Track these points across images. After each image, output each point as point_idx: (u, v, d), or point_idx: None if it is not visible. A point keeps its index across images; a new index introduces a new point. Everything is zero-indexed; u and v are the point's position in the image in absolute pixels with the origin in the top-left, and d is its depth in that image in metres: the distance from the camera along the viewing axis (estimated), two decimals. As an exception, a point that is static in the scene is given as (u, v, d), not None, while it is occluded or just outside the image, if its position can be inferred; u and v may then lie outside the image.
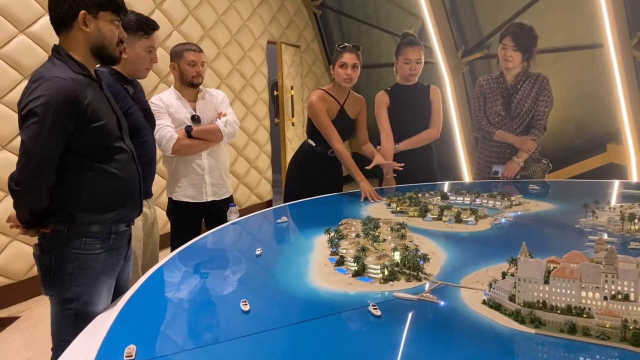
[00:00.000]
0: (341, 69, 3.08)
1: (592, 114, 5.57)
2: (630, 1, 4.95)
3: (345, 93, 3.23)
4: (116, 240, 1.96)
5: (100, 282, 1.91)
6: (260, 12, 6.53)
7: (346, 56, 3.07)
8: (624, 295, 1.26)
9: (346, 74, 3.08)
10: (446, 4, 6.28)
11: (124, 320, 1.45)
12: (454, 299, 1.51)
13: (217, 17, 5.83)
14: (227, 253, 2.15)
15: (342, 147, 3.12)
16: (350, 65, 3.07)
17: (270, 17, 6.75)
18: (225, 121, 3.10)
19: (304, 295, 1.58)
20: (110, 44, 1.86)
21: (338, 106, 3.22)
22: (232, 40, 6.05)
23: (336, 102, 3.21)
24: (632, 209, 2.25)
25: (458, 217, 2.36)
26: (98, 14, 1.81)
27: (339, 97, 3.22)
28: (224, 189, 3.21)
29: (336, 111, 3.21)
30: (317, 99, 3.14)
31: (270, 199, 6.82)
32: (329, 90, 3.22)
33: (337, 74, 3.11)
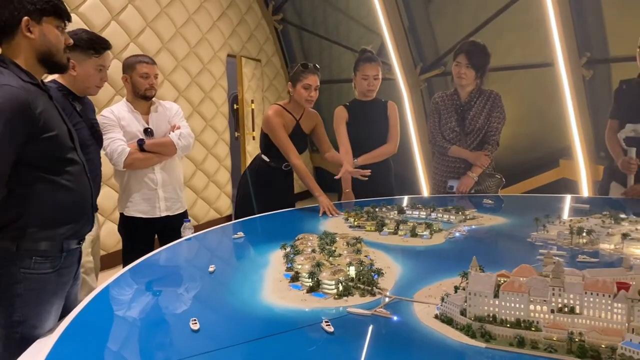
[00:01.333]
0: (304, 90, 3.08)
1: (544, 130, 5.75)
2: (579, 23, 5.16)
3: (301, 109, 3.24)
4: (67, 258, 1.87)
5: (49, 304, 1.82)
6: (220, 25, 6.50)
7: (310, 78, 3.07)
8: (570, 308, 1.28)
9: (310, 96, 3.09)
10: (405, 22, 6.40)
11: (67, 341, 1.38)
12: (407, 313, 1.51)
13: (176, 30, 5.77)
14: (179, 270, 2.10)
15: (300, 162, 3.11)
16: (314, 87, 3.09)
17: (230, 30, 6.72)
18: (179, 134, 3.05)
19: (256, 312, 1.55)
20: (57, 51, 1.81)
21: (294, 122, 3.21)
22: (191, 53, 5.99)
23: (292, 117, 3.21)
24: (581, 223, 2.32)
25: (413, 231, 2.37)
26: (41, 19, 1.75)
27: (295, 112, 3.22)
28: (178, 203, 3.14)
29: (292, 126, 3.21)
30: (274, 114, 3.13)
31: (229, 214, 6.74)
32: (285, 106, 3.21)
33: (299, 94, 3.10)
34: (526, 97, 5.74)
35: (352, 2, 7.17)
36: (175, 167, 3.15)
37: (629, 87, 3.33)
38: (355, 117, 3.55)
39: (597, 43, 5.18)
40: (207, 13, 6.29)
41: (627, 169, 3.16)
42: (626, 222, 2.35)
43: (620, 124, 3.26)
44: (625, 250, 2.02)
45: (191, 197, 6.07)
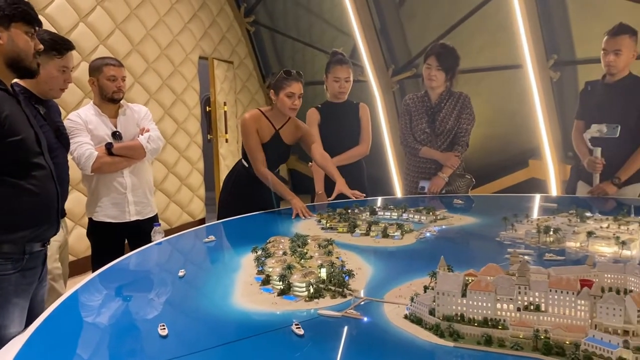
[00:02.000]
0: (288, 99, 2.97)
1: (514, 130, 5.85)
2: (546, 25, 5.27)
3: (284, 119, 3.11)
4: (30, 260, 1.87)
5: (12, 304, 1.82)
6: (191, 27, 6.45)
7: (294, 86, 2.96)
8: (535, 306, 1.31)
9: (294, 104, 2.99)
10: (376, 24, 6.45)
11: (32, 348, 1.35)
12: (378, 314, 1.51)
13: (146, 32, 5.70)
14: (149, 275, 2.07)
15: (264, 169, 3.02)
16: (298, 95, 2.99)
17: (201, 32, 6.67)
18: (148, 137, 3.01)
19: (226, 316, 1.53)
20: (26, 56, 1.82)
21: (273, 130, 3.10)
22: (161, 55, 5.93)
23: (271, 125, 3.10)
24: (548, 222, 2.36)
25: (385, 232, 2.38)
26: (10, 25, 1.77)
27: (276, 121, 3.11)
28: (148, 207, 3.10)
29: (270, 135, 3.10)
30: (250, 118, 3.05)
31: (203, 217, 6.68)
32: (266, 113, 3.10)
33: (282, 102, 2.98)
34: (496, 98, 5.84)
35: (324, 5, 7.18)
36: (145, 171, 3.11)
37: (593, 89, 3.41)
38: (327, 119, 3.55)
39: (563, 45, 5.29)
40: (178, 15, 6.23)
41: (593, 168, 3.24)
42: (591, 221, 2.40)
43: (586, 125, 3.34)
44: (590, 248, 2.07)
45: (163, 201, 5.99)
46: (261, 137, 3.06)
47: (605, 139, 3.19)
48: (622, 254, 1.97)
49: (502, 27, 5.40)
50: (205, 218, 6.70)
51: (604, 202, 3.16)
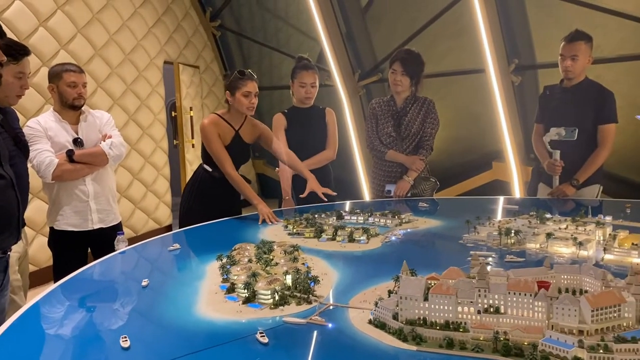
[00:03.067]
0: (245, 98, 2.99)
1: (478, 134, 5.97)
2: (507, 31, 5.40)
3: (241, 119, 3.15)
4: None
5: None
6: (155, 31, 6.37)
7: (249, 85, 2.99)
8: (495, 308, 1.33)
9: (251, 103, 3.01)
10: (342, 30, 6.49)
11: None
12: (342, 320, 1.52)
13: (109, 36, 5.60)
14: (112, 285, 2.03)
15: (234, 172, 3.04)
16: (254, 94, 3.01)
17: (166, 37, 6.59)
18: (111, 143, 2.96)
19: (190, 326, 1.52)
20: None
21: (233, 132, 3.12)
22: (125, 59, 5.83)
23: (231, 127, 3.12)
24: (509, 224, 2.41)
25: (351, 236, 2.40)
26: None
27: (234, 122, 3.13)
28: (111, 215, 3.05)
29: (231, 136, 3.11)
30: (209, 123, 3.05)
31: (169, 224, 6.59)
32: (223, 115, 3.12)
33: (240, 102, 3.01)
34: (460, 102, 5.94)
35: (290, 10, 7.19)
36: (108, 178, 3.05)
37: (552, 93, 3.51)
38: (294, 124, 3.56)
39: (524, 50, 5.43)
40: (142, 19, 6.15)
41: (553, 170, 3.33)
42: (551, 222, 2.47)
43: (545, 128, 3.43)
44: (549, 249, 2.12)
45: (128, 208, 5.89)
46: (223, 140, 3.07)
47: (564, 141, 3.29)
48: (580, 254, 2.03)
49: (465, 32, 5.50)
50: (172, 225, 6.61)
51: (564, 203, 3.25)
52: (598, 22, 4.70)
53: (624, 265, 1.91)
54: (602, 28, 4.69)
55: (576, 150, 3.29)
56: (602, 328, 1.24)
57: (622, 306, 1.27)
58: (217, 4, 7.45)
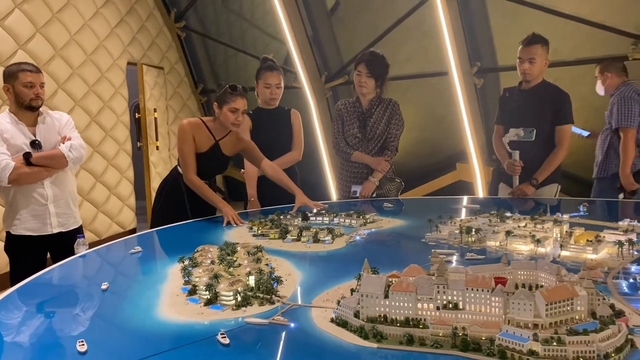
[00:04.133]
0: (231, 114, 2.93)
1: (442, 135, 6.06)
2: (470, 34, 5.51)
3: (225, 130, 3.08)
4: None
5: None
6: (118, 32, 6.25)
7: (239, 102, 2.93)
8: (453, 304, 1.36)
9: (237, 120, 2.96)
10: (308, 32, 6.51)
11: None
12: (305, 319, 1.52)
13: (70, 36, 5.47)
14: (70, 289, 1.99)
15: (194, 177, 2.98)
16: (242, 111, 2.95)
17: (130, 37, 6.49)
18: (70, 145, 2.89)
19: (150, 329, 1.50)
20: None
21: (212, 141, 3.06)
22: (87, 60, 5.71)
23: (211, 136, 3.06)
24: (470, 222, 2.46)
25: (316, 237, 2.40)
26: None
27: (217, 132, 3.06)
28: (71, 219, 2.98)
29: (209, 145, 3.05)
30: (187, 124, 3.00)
31: (134, 227, 6.47)
32: (207, 122, 3.06)
33: (226, 117, 2.95)
34: (425, 104, 6.03)
35: (256, 11, 7.17)
36: (68, 181, 2.98)
37: (511, 95, 3.60)
38: (259, 125, 3.55)
39: (486, 53, 5.55)
40: (104, 19, 6.03)
41: (512, 170, 3.41)
42: (510, 220, 2.52)
43: (505, 129, 3.51)
44: (509, 246, 2.17)
45: (91, 211, 5.76)
46: (199, 146, 3.02)
47: (523, 142, 3.38)
48: (537, 251, 2.08)
49: (429, 35, 5.59)
50: (137, 228, 6.50)
51: (524, 202, 3.33)
52: (556, 27, 4.84)
53: (580, 261, 1.97)
54: (560, 32, 4.83)
55: (535, 150, 3.38)
56: (556, 321, 1.27)
57: (574, 300, 1.30)
58: (182, 5, 7.37)
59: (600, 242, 2.08)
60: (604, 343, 1.18)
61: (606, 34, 4.67)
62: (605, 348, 1.17)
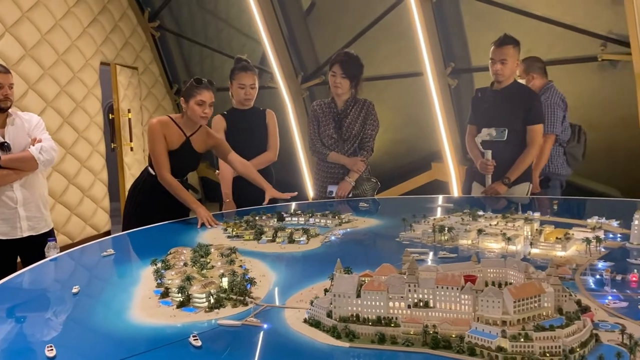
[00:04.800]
0: (198, 107, 2.92)
1: (417, 135, 6.11)
2: (444, 36, 5.56)
3: (195, 126, 3.06)
4: None
5: None
6: (91, 32, 6.16)
7: (204, 94, 2.92)
8: (424, 302, 1.37)
9: (204, 112, 2.94)
10: (284, 32, 6.49)
11: None
12: (278, 320, 1.52)
13: (41, 36, 5.37)
14: (41, 293, 1.96)
15: (169, 176, 2.96)
16: (208, 103, 2.94)
17: (102, 37, 6.39)
18: (41, 147, 2.84)
19: (122, 332, 1.48)
20: None
21: (183, 137, 3.04)
22: (59, 60, 5.61)
23: (182, 132, 3.04)
24: (443, 221, 2.49)
25: (291, 237, 2.40)
26: None
27: (187, 129, 3.05)
28: (42, 222, 2.92)
29: (180, 142, 3.03)
30: (157, 123, 2.98)
31: (108, 230, 6.38)
32: (176, 119, 3.04)
33: (193, 110, 2.94)
34: (400, 105, 6.07)
35: (231, 11, 7.13)
36: (38, 184, 2.93)
37: (483, 95, 3.65)
38: (234, 126, 3.53)
39: (460, 53, 5.61)
40: (76, 19, 5.93)
41: (485, 170, 3.46)
42: (482, 219, 2.56)
43: (478, 129, 3.56)
44: (480, 244, 2.20)
45: (64, 214, 5.66)
46: (170, 144, 3.00)
47: (495, 141, 3.43)
48: (508, 249, 2.12)
49: (404, 36, 5.63)
50: (111, 230, 6.40)
51: (496, 201, 3.38)
52: (528, 28, 4.92)
53: (549, 258, 2.01)
54: (532, 33, 4.91)
55: (507, 150, 3.43)
56: (524, 318, 1.30)
57: (541, 296, 1.33)
58: (156, 4, 7.28)
59: (569, 239, 2.13)
60: (570, 338, 1.21)
61: (577, 35, 4.77)
62: (571, 343, 1.20)
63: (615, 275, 1.77)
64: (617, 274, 1.78)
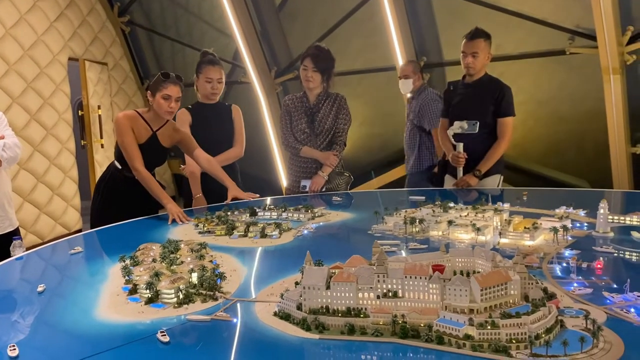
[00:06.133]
0: (164, 101, 2.88)
1: (391, 130, 6.12)
2: (416, 29, 5.60)
3: (161, 121, 3.03)
4: None
5: None
6: (58, 26, 6.02)
7: (170, 88, 2.88)
8: (393, 292, 1.38)
9: (170, 107, 2.90)
10: (257, 27, 6.45)
11: None
12: (248, 314, 1.51)
13: (5, 31, 5.24)
14: (5, 292, 1.90)
15: (142, 169, 2.93)
16: (175, 98, 2.90)
17: (70, 32, 6.26)
18: (4, 145, 2.77)
19: (88, 330, 1.45)
20: None
21: (150, 132, 3.00)
22: (25, 56, 5.48)
23: (148, 127, 3.00)
24: (414, 214, 2.50)
25: (263, 232, 2.39)
26: None
27: (153, 123, 3.01)
28: (6, 221, 2.85)
29: (147, 137, 3.00)
30: (124, 117, 2.94)
31: (79, 228, 6.26)
32: (142, 114, 3.00)
33: (159, 105, 2.90)
34: (374, 99, 6.09)
35: (203, 5, 7.05)
36: (2, 182, 2.85)
37: (455, 88, 3.68)
38: (199, 120, 3.49)
39: (432, 48, 5.65)
40: (42, 13, 5.79)
41: (457, 162, 3.49)
42: (453, 210, 2.58)
43: (450, 122, 3.59)
44: (450, 235, 2.22)
45: (32, 213, 5.54)
46: (137, 138, 2.96)
47: (467, 134, 3.46)
48: (478, 239, 2.14)
49: (377, 31, 5.64)
50: (82, 229, 6.29)
51: (468, 193, 3.42)
52: (500, 22, 4.98)
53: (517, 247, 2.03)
54: (503, 27, 4.97)
55: (478, 142, 3.47)
56: (491, 306, 1.31)
57: (508, 284, 1.35)
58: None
59: (537, 229, 2.16)
60: (535, 325, 1.22)
61: (547, 30, 4.85)
62: (536, 329, 1.22)
63: (581, 262, 1.80)
64: (582, 261, 1.81)
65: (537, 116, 5.12)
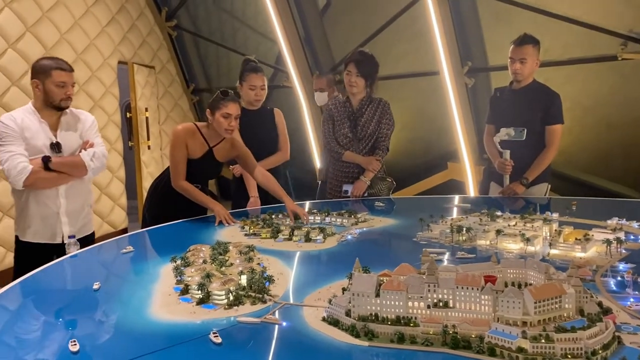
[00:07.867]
0: (224, 119, 2.87)
1: (434, 135, 6.08)
2: (461, 34, 5.53)
3: (219, 137, 3.03)
4: None
5: None
6: (109, 31, 6.22)
7: (230, 107, 2.87)
8: (444, 302, 1.37)
9: (230, 125, 2.90)
10: (300, 31, 6.51)
11: None
12: (297, 318, 1.53)
13: (60, 35, 5.44)
14: (61, 289, 1.98)
15: (183, 183, 2.95)
16: (234, 116, 2.90)
17: (120, 36, 6.45)
18: (93, 154, 2.80)
19: (142, 328, 1.50)
20: None
21: (206, 147, 3.02)
22: (78, 59, 5.67)
23: (205, 142, 3.01)
24: (461, 222, 2.48)
25: (307, 236, 2.41)
26: None
27: (211, 139, 3.02)
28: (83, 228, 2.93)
29: (202, 152, 3.01)
30: (182, 130, 2.96)
31: (125, 227, 6.44)
32: (201, 129, 3.01)
33: (219, 123, 2.89)
34: (416, 104, 6.05)
35: (248, 10, 7.16)
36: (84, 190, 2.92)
37: (502, 94, 3.62)
38: (244, 126, 3.53)
39: (477, 53, 5.57)
40: (95, 18, 5.99)
41: (503, 169, 3.43)
42: (501, 219, 2.54)
43: (496, 129, 3.54)
44: (499, 245, 2.19)
45: (82, 212, 5.73)
46: (192, 152, 2.98)
47: (514, 141, 3.40)
48: (527, 250, 2.10)
49: (420, 35, 5.61)
50: (128, 227, 6.47)
51: (514, 202, 3.35)
52: (547, 27, 4.87)
53: (568, 259, 1.99)
54: (550, 32, 4.86)
55: (525, 150, 3.40)
56: (544, 319, 1.29)
57: (562, 297, 1.32)
58: (173, 4, 7.34)
59: (589, 240, 2.11)
60: (592, 340, 1.20)
61: (596, 35, 4.71)
62: (593, 345, 1.19)
63: (637, 277, 1.74)
64: (638, 276, 1.76)
65: (584, 123, 4.98)
